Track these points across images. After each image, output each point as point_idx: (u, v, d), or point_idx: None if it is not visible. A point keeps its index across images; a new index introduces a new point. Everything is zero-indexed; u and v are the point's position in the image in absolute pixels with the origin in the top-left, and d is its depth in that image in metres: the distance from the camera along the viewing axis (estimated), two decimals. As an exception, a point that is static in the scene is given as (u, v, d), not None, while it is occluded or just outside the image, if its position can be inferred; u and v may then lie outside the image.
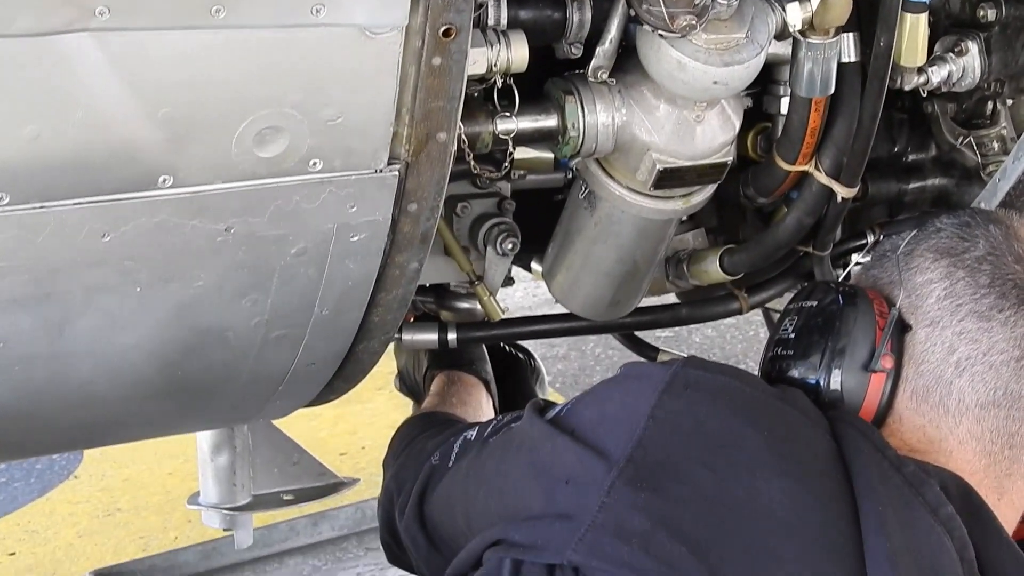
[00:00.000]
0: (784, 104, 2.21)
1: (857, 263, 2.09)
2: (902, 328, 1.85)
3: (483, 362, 2.87)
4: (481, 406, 2.76)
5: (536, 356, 3.11)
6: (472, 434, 2.13)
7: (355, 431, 4.69)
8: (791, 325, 1.94)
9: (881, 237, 2.23)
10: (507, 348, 3.05)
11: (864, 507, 1.66)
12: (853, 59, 2.12)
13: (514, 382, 2.99)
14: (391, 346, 2.33)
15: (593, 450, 1.72)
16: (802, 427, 1.74)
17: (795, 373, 1.89)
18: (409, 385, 3.02)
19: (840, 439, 1.75)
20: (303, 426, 3.16)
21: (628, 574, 1.63)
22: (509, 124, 2.04)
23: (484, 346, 2.90)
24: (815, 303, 1.92)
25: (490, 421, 2.13)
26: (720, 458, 1.68)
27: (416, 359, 2.93)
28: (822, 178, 2.19)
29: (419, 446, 2.30)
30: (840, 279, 2.07)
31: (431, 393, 2.79)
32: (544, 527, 1.73)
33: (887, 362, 1.83)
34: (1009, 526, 1.81)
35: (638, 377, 1.79)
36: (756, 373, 1.95)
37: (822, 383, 1.86)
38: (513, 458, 1.88)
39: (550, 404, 1.92)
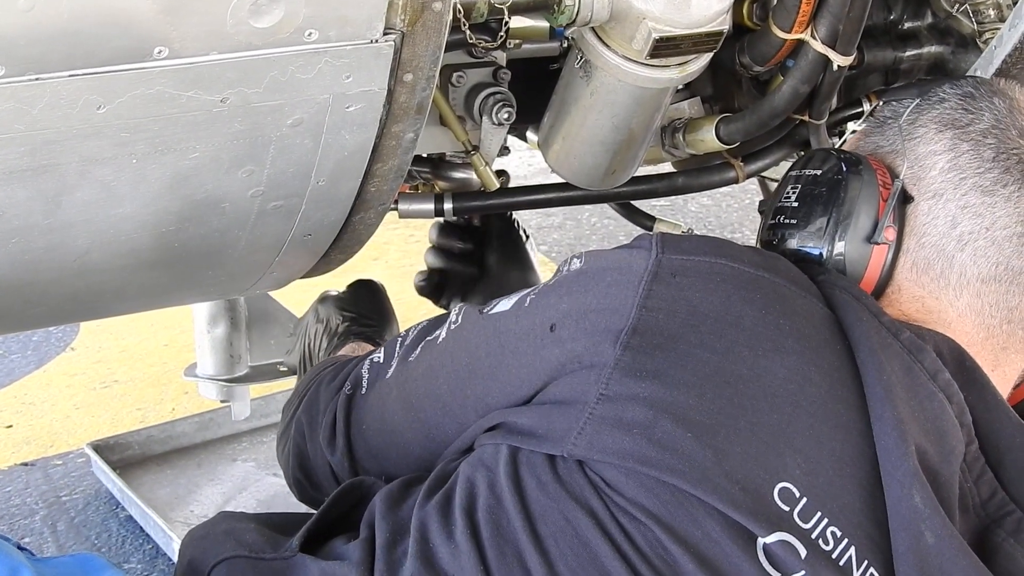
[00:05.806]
0: (781, -29, 2.20)
1: (853, 131, 2.08)
2: (904, 199, 1.85)
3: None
4: None
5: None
6: (379, 356, 2.09)
7: (351, 302, 4.69)
8: (793, 193, 1.93)
9: (882, 103, 2.22)
10: (517, 224, 3.02)
11: (868, 376, 1.67)
12: (850, -76, 2.10)
13: (518, 259, 2.97)
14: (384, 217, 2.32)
15: (584, 340, 1.71)
16: (796, 299, 1.73)
17: (796, 242, 1.89)
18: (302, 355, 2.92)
19: (835, 307, 1.75)
20: (299, 297, 3.15)
21: (632, 465, 1.62)
22: (505, -8, 2.03)
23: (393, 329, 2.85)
24: (818, 171, 1.92)
25: (394, 340, 2.08)
26: (720, 339, 1.66)
27: (320, 335, 2.83)
28: (818, 46, 2.18)
29: (324, 381, 2.23)
30: (837, 147, 2.06)
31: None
32: (541, 416, 1.72)
33: (890, 234, 1.83)
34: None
35: (616, 269, 1.75)
36: (754, 243, 1.95)
37: (824, 253, 1.86)
38: (476, 359, 1.86)
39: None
